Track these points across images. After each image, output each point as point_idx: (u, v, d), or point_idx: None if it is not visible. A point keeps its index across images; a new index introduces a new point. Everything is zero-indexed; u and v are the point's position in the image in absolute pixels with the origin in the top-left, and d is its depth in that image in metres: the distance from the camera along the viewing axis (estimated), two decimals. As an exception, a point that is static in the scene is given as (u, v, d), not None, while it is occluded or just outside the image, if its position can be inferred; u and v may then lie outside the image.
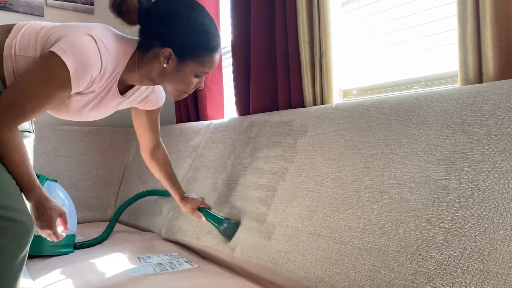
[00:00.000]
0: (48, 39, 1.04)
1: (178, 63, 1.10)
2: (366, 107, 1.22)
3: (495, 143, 0.89)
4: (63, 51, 0.98)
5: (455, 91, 1.03)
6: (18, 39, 1.05)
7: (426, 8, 1.32)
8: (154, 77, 1.14)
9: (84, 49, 1.00)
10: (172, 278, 1.23)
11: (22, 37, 1.05)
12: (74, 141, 2.30)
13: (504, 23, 1.03)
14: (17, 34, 1.06)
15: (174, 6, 1.09)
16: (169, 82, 1.13)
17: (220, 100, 2.11)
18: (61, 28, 1.06)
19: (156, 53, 1.09)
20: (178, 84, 1.13)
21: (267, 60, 1.68)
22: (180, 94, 1.17)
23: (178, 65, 1.10)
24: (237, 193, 1.48)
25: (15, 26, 1.08)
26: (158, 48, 1.08)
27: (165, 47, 1.07)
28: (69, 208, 1.57)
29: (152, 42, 1.10)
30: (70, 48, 0.99)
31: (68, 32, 1.03)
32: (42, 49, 1.04)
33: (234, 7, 1.83)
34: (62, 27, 1.06)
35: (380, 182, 1.06)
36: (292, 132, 1.42)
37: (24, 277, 1.27)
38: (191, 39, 1.08)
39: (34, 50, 1.04)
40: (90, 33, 1.02)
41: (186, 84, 1.13)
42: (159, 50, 1.08)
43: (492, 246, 0.80)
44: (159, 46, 1.08)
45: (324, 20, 1.46)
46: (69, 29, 1.05)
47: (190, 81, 1.13)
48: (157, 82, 1.16)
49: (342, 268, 1.02)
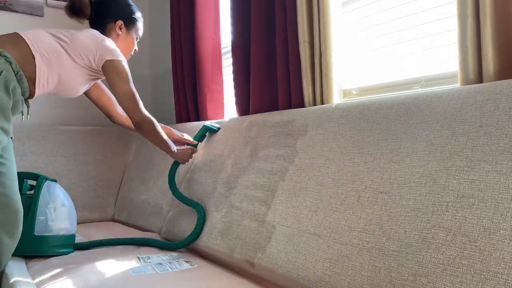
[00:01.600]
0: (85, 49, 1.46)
1: (126, 30, 1.62)
2: (366, 107, 1.22)
3: (495, 143, 0.89)
4: (116, 56, 1.47)
5: (455, 91, 1.03)
6: (45, 45, 1.40)
7: (426, 8, 1.32)
8: None
9: (117, 48, 1.52)
10: (172, 278, 1.23)
11: (47, 44, 1.41)
12: (74, 141, 2.30)
13: (504, 23, 1.03)
14: (36, 40, 1.40)
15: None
16: (121, 47, 1.57)
17: (220, 100, 2.11)
18: (85, 37, 1.48)
19: (111, 27, 1.59)
20: (127, 47, 1.63)
21: (267, 60, 1.68)
22: (128, 55, 1.65)
23: (126, 31, 1.62)
24: (237, 193, 1.48)
25: (22, 34, 1.39)
26: (112, 23, 1.59)
27: (117, 20, 1.60)
28: (69, 208, 1.58)
29: (105, 21, 1.59)
30: (116, 52, 1.48)
31: (100, 43, 1.48)
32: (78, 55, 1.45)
33: (234, 7, 1.83)
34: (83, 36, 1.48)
35: (380, 182, 1.06)
36: (292, 132, 1.42)
37: (24, 277, 1.27)
38: (131, 12, 1.64)
39: (67, 53, 1.44)
40: (109, 40, 1.52)
41: (132, 45, 1.66)
42: (112, 24, 1.59)
43: (492, 246, 0.80)
44: (112, 22, 1.59)
45: (324, 20, 1.46)
46: (94, 39, 1.49)
47: (134, 43, 1.66)
48: None
49: (342, 268, 1.02)
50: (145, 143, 2.31)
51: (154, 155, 2.16)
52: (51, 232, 1.50)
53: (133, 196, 2.14)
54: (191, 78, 2.17)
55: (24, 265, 1.41)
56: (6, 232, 1.26)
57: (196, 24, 2.11)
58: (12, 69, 1.30)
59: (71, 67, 1.44)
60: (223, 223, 1.46)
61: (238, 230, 1.39)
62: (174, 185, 1.73)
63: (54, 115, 2.43)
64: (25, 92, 1.37)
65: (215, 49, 2.12)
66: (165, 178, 1.96)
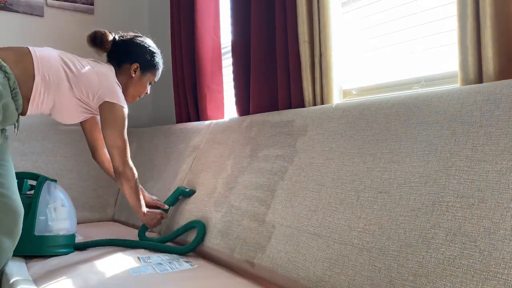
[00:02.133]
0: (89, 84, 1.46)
1: (141, 74, 1.62)
2: (366, 107, 1.22)
3: (495, 143, 0.89)
4: (116, 100, 1.47)
5: (455, 91, 1.03)
6: (50, 67, 1.39)
7: (426, 8, 1.32)
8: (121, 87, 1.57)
9: (121, 94, 1.52)
10: (172, 278, 1.23)
11: (52, 66, 1.40)
12: (74, 141, 2.30)
13: (504, 23, 1.03)
14: (43, 60, 1.39)
15: (136, 37, 1.63)
16: (132, 88, 1.61)
17: (220, 100, 2.11)
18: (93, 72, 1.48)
19: (126, 68, 1.59)
20: (138, 89, 1.63)
21: (267, 60, 1.68)
22: (136, 97, 1.65)
23: (141, 75, 1.62)
24: (236, 192, 1.48)
25: (32, 50, 1.39)
26: (128, 64, 1.59)
27: (133, 63, 1.59)
28: (69, 208, 1.58)
29: (123, 61, 1.59)
30: (118, 96, 1.48)
31: (105, 83, 1.48)
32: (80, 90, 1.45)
33: (234, 7, 1.83)
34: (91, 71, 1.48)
35: (380, 182, 1.06)
36: (292, 132, 1.42)
37: (24, 277, 1.27)
38: (150, 57, 1.63)
39: (68, 82, 1.43)
40: (116, 82, 1.53)
41: (143, 89, 1.65)
42: (128, 65, 1.59)
43: (492, 246, 0.80)
44: (128, 63, 1.59)
45: (324, 20, 1.46)
46: (104, 78, 1.49)
47: (145, 87, 1.65)
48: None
49: (342, 268, 1.02)
50: (145, 143, 2.31)
51: (154, 155, 2.16)
52: (51, 232, 1.50)
53: (133, 196, 2.14)
54: (191, 78, 2.17)
55: (24, 265, 1.40)
56: (5, 232, 1.26)
57: (196, 24, 2.11)
58: (9, 86, 1.29)
59: (68, 97, 1.44)
60: (223, 223, 1.46)
61: (238, 230, 1.39)
62: (148, 239, 1.66)
63: (54, 115, 2.43)
64: (18, 108, 1.35)
65: (215, 49, 2.12)
66: (165, 178, 1.96)
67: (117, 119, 1.47)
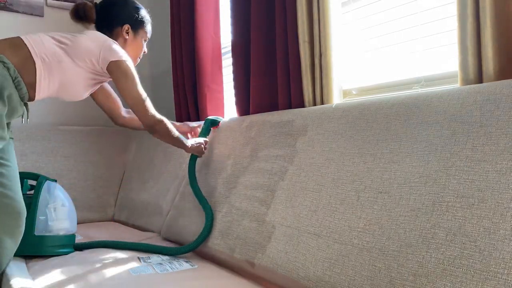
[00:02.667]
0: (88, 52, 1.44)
1: (133, 34, 1.60)
2: (366, 107, 1.22)
3: (495, 143, 0.89)
4: (120, 56, 1.45)
5: (455, 91, 1.03)
6: (46, 50, 1.38)
7: (426, 8, 1.32)
8: None
9: (121, 49, 1.50)
10: (172, 278, 1.23)
11: (47, 49, 1.39)
12: (74, 141, 2.30)
13: (504, 23, 1.03)
14: (38, 44, 1.38)
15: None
16: (129, 51, 1.57)
17: (220, 100, 2.10)
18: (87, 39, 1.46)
19: (117, 31, 1.57)
20: (135, 50, 1.62)
21: (267, 60, 1.68)
22: (136, 59, 1.64)
23: (134, 35, 1.61)
24: (237, 193, 1.48)
25: (24, 38, 1.38)
26: (118, 27, 1.57)
27: (123, 24, 1.57)
28: (69, 208, 1.58)
29: (112, 26, 1.57)
30: (120, 53, 1.46)
31: (103, 44, 1.45)
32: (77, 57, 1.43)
33: (234, 7, 1.83)
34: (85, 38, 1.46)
35: (380, 182, 1.06)
36: (292, 132, 1.42)
37: (24, 277, 1.27)
38: (136, 14, 1.61)
39: (68, 56, 1.42)
40: (113, 41, 1.50)
41: (140, 49, 1.64)
42: (119, 28, 1.57)
43: (492, 246, 0.80)
44: (119, 26, 1.57)
45: (324, 20, 1.46)
46: (99, 40, 1.46)
47: (142, 46, 1.64)
48: None
49: (342, 268, 1.02)
50: (145, 143, 2.31)
51: (154, 155, 2.16)
52: (51, 232, 1.50)
53: (133, 196, 2.14)
54: (191, 78, 2.17)
55: (24, 265, 1.40)
56: (7, 232, 1.26)
57: (196, 24, 2.11)
58: (10, 75, 1.29)
59: (73, 71, 1.42)
60: (223, 223, 1.46)
61: (238, 230, 1.39)
62: (195, 179, 1.68)
63: (54, 115, 2.43)
64: (24, 96, 1.36)
65: (215, 49, 2.12)
66: (165, 178, 1.96)
67: (127, 74, 1.45)
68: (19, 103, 1.34)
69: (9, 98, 1.28)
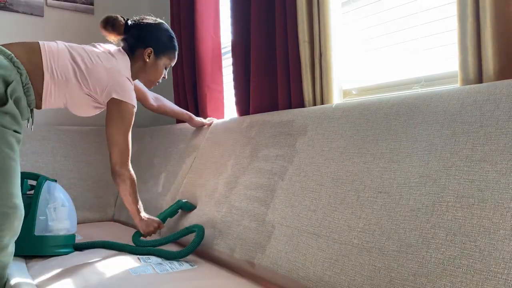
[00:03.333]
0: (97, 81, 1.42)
1: (155, 59, 1.55)
2: (366, 107, 1.22)
3: (495, 143, 0.89)
4: (124, 97, 1.43)
5: (455, 91, 1.03)
6: (57, 64, 1.38)
7: (426, 8, 1.32)
8: (136, 72, 1.56)
9: (131, 90, 1.48)
10: (172, 278, 1.23)
11: (60, 63, 1.38)
12: (74, 141, 2.30)
13: (504, 23, 1.03)
14: (52, 57, 1.37)
15: (149, 21, 1.57)
16: (148, 73, 1.57)
17: (220, 100, 2.11)
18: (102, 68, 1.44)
19: (140, 53, 1.53)
20: (154, 74, 1.58)
21: (267, 60, 1.68)
22: (154, 82, 1.61)
23: (155, 60, 1.55)
24: (237, 192, 1.48)
25: (42, 46, 1.37)
26: (141, 49, 1.53)
27: (147, 47, 1.53)
28: (69, 208, 1.57)
29: (136, 46, 1.53)
30: (126, 93, 1.44)
31: (114, 78, 1.43)
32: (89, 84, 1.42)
33: (234, 7, 1.83)
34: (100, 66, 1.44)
35: (380, 182, 1.06)
36: (292, 132, 1.42)
37: (24, 277, 1.27)
38: (163, 41, 1.56)
39: (77, 80, 1.40)
40: (127, 77, 1.48)
41: (159, 74, 1.59)
42: (142, 50, 1.53)
43: (492, 246, 0.80)
44: (142, 48, 1.53)
45: (324, 20, 1.46)
46: (112, 73, 1.44)
47: (161, 71, 1.59)
48: (136, 76, 1.58)
49: (342, 268, 1.02)
50: (145, 143, 2.31)
51: (154, 155, 2.16)
52: (51, 232, 1.50)
53: (133, 196, 2.14)
54: (191, 78, 2.17)
55: (24, 265, 1.40)
56: (14, 236, 1.24)
57: (196, 24, 2.11)
58: (22, 81, 1.30)
59: (77, 93, 1.42)
60: (223, 223, 1.46)
61: (238, 230, 1.39)
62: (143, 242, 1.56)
63: (54, 115, 2.43)
64: (31, 103, 1.36)
65: (215, 49, 2.12)
66: (165, 178, 1.96)
67: (123, 117, 1.44)
68: (26, 108, 1.34)
69: (17, 100, 1.28)
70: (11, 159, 1.22)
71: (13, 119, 1.25)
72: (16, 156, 1.24)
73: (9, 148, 1.22)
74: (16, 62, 1.29)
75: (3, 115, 1.22)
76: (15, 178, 1.23)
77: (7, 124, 1.22)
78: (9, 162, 1.21)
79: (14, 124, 1.25)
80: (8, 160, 1.21)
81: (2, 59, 1.26)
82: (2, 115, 1.22)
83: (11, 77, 1.25)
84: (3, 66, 1.25)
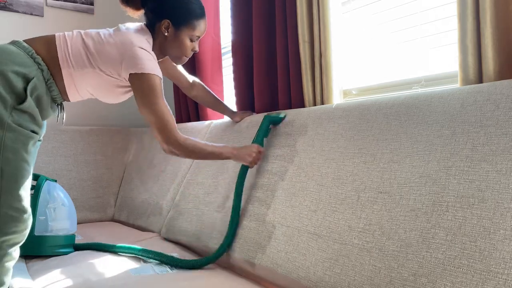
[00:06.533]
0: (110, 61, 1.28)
1: (175, 31, 1.37)
2: (366, 107, 1.22)
3: (495, 143, 0.89)
4: (142, 68, 1.26)
5: (455, 91, 1.03)
6: (70, 53, 1.27)
7: (426, 8, 1.32)
8: (161, 49, 1.40)
9: (149, 60, 1.29)
10: (172, 279, 1.23)
11: (73, 52, 1.28)
12: (74, 141, 2.30)
13: (504, 23, 1.03)
14: (66, 47, 1.28)
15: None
16: (171, 49, 1.39)
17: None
18: (112, 45, 1.29)
19: (158, 27, 1.36)
20: (178, 49, 1.39)
21: (267, 60, 1.68)
22: (181, 58, 1.43)
23: (175, 32, 1.37)
24: (237, 193, 1.48)
25: (57, 37, 1.29)
26: (158, 23, 1.36)
27: (163, 19, 1.35)
28: (69, 208, 1.58)
29: (154, 20, 1.37)
30: (144, 64, 1.27)
31: (126, 51, 1.27)
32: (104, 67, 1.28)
33: (234, 7, 1.83)
34: (110, 44, 1.29)
35: (380, 182, 1.06)
36: (292, 132, 1.42)
37: (24, 277, 1.27)
38: (181, 10, 1.37)
39: (92, 66, 1.28)
40: (140, 46, 1.29)
41: (184, 47, 1.39)
42: (159, 23, 1.36)
43: (492, 246, 0.80)
44: (159, 21, 1.35)
45: (324, 20, 1.46)
46: (124, 47, 1.28)
47: (186, 44, 1.39)
48: (163, 53, 1.42)
49: (342, 268, 1.02)
50: (145, 143, 2.31)
51: (154, 155, 2.16)
52: (51, 232, 1.50)
53: (133, 196, 2.14)
54: (191, 78, 2.17)
55: (24, 265, 1.41)
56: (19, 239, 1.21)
57: (196, 24, 2.10)
58: (43, 77, 1.24)
59: (98, 79, 1.30)
60: (223, 223, 1.46)
61: (238, 230, 1.39)
62: (241, 193, 1.43)
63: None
64: (56, 98, 1.30)
65: (215, 49, 2.12)
66: (165, 178, 1.96)
67: (146, 91, 1.27)
68: (50, 105, 1.29)
69: (38, 99, 1.23)
70: (24, 161, 1.17)
71: (31, 119, 1.19)
72: (30, 158, 1.19)
73: (24, 150, 1.17)
74: (36, 58, 1.23)
75: (21, 114, 1.16)
76: (25, 180, 1.18)
77: (23, 123, 1.17)
78: (22, 164, 1.17)
79: (32, 124, 1.20)
80: (21, 162, 1.16)
81: (22, 56, 1.21)
82: (20, 113, 1.16)
83: (32, 74, 1.20)
84: (23, 63, 1.20)
